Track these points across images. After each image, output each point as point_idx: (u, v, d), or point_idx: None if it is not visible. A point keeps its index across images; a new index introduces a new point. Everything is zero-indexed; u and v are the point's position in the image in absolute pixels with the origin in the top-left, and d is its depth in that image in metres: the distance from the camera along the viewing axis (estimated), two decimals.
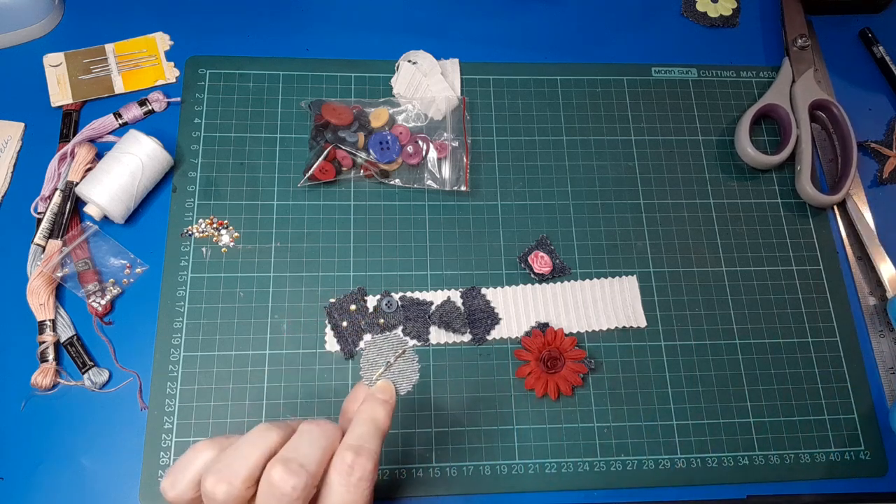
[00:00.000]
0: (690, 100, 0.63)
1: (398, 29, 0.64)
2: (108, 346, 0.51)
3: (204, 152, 0.57)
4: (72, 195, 0.54)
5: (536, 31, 0.65)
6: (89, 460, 0.48)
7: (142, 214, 0.55)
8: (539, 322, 0.54)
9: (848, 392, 0.54)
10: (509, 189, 0.58)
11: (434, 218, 0.57)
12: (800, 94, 0.61)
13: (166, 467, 0.48)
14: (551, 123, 0.61)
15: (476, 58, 0.63)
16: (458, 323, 0.53)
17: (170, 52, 0.61)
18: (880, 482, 0.52)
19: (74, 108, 0.58)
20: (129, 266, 0.53)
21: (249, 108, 0.59)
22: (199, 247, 0.54)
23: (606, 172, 0.60)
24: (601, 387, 0.52)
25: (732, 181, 0.60)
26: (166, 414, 0.49)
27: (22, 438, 0.48)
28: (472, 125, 0.60)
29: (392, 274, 0.55)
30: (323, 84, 0.60)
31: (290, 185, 0.57)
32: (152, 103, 0.58)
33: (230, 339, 0.52)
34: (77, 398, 0.50)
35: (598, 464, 0.50)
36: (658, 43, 0.66)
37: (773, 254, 0.58)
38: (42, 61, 0.59)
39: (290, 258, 0.54)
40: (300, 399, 0.50)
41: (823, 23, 0.68)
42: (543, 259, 0.55)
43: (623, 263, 0.56)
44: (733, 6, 0.68)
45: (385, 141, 0.56)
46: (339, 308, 0.53)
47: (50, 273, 0.51)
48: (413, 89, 0.60)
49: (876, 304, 0.57)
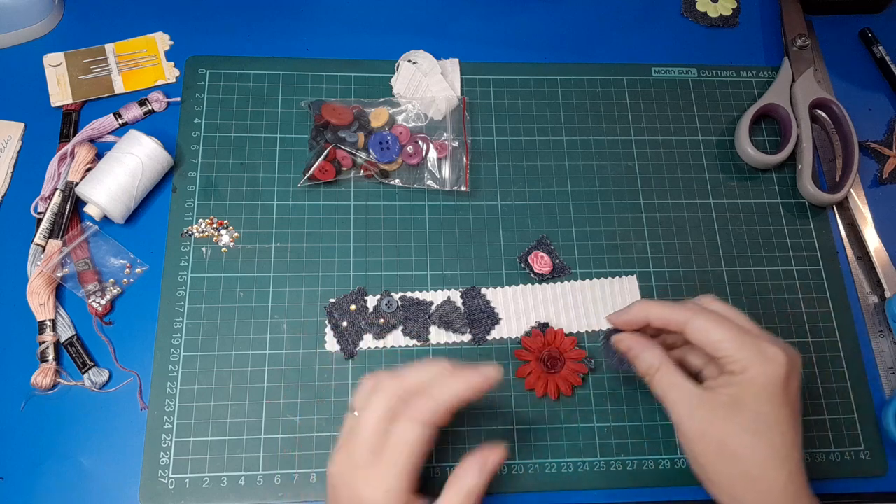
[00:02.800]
0: (690, 100, 0.63)
1: (398, 29, 0.64)
2: (108, 346, 0.51)
3: (204, 152, 0.57)
4: (72, 195, 0.54)
5: (536, 31, 0.65)
6: (89, 460, 0.48)
7: (142, 214, 0.55)
8: (539, 322, 0.54)
9: (848, 392, 0.54)
10: (509, 189, 0.58)
11: (434, 218, 0.57)
12: (800, 93, 0.61)
13: (166, 467, 0.48)
14: (551, 123, 0.61)
15: (476, 58, 0.63)
16: (458, 323, 0.53)
17: (170, 52, 0.61)
18: (880, 482, 0.52)
19: (74, 108, 0.58)
20: (129, 266, 0.53)
21: (249, 108, 0.59)
22: (199, 247, 0.54)
23: (606, 172, 0.60)
24: (601, 387, 0.52)
25: (732, 181, 0.60)
26: (166, 414, 0.49)
27: (22, 438, 0.49)
28: (472, 125, 0.60)
29: (392, 274, 0.55)
30: (323, 84, 0.60)
31: (290, 185, 0.57)
32: (152, 103, 0.58)
33: (230, 339, 0.52)
34: (77, 398, 0.50)
35: (598, 464, 0.50)
36: (658, 43, 0.66)
37: (773, 254, 0.58)
38: (42, 61, 0.59)
39: (290, 258, 0.54)
40: (300, 399, 0.50)
41: (823, 23, 0.68)
42: (543, 259, 0.55)
43: (623, 263, 0.56)
44: (733, 6, 0.68)
45: (385, 141, 0.56)
46: (339, 308, 0.53)
47: (50, 273, 0.51)
48: (413, 89, 0.60)
49: (876, 303, 0.57)
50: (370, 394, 0.41)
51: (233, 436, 0.49)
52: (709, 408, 0.40)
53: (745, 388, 0.40)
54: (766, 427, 0.40)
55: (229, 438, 0.49)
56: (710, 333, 0.41)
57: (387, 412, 0.39)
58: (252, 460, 0.49)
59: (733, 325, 0.41)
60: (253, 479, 0.48)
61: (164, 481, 0.48)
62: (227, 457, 0.49)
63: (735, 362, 0.40)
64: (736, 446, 0.40)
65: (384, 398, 0.40)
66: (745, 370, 0.40)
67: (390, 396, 0.40)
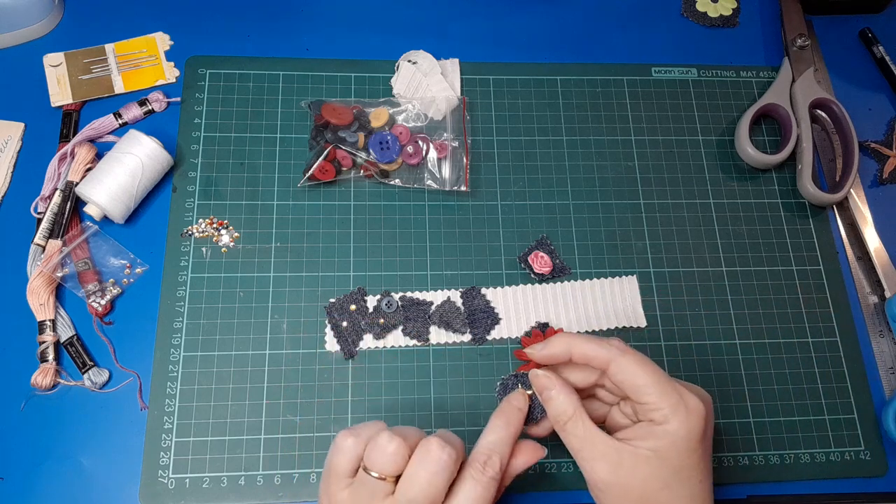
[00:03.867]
0: (690, 100, 0.63)
1: (398, 29, 0.64)
2: (108, 346, 0.51)
3: (204, 152, 0.57)
4: (72, 195, 0.54)
5: (536, 31, 0.65)
6: (89, 460, 0.48)
7: (142, 214, 0.55)
8: (539, 322, 0.54)
9: (848, 392, 0.54)
10: (509, 189, 0.58)
11: (434, 218, 0.57)
12: (800, 93, 0.61)
13: (166, 467, 0.48)
14: (551, 123, 0.61)
15: (476, 58, 0.63)
16: (458, 323, 0.53)
17: (170, 52, 0.61)
18: (880, 482, 0.52)
19: (74, 108, 0.58)
20: (129, 266, 0.53)
21: (249, 108, 0.59)
22: (199, 247, 0.54)
23: (606, 172, 0.60)
24: None
25: (732, 181, 0.60)
26: (166, 414, 0.49)
27: (22, 438, 0.49)
28: (472, 125, 0.60)
29: (392, 274, 0.55)
30: (323, 84, 0.60)
31: (290, 185, 0.57)
32: (152, 103, 0.58)
33: (230, 339, 0.52)
34: (77, 398, 0.50)
35: None
36: (658, 43, 0.66)
37: (773, 254, 0.58)
38: (42, 61, 0.59)
39: (290, 258, 0.54)
40: (300, 399, 0.50)
41: (823, 23, 0.68)
42: (543, 259, 0.55)
43: (623, 263, 0.56)
44: (733, 6, 0.68)
45: (385, 141, 0.56)
46: (339, 308, 0.53)
47: (50, 273, 0.51)
48: (413, 89, 0.60)
49: (876, 303, 0.57)
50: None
51: (233, 436, 0.49)
52: (631, 463, 0.39)
53: (667, 441, 0.39)
54: (687, 478, 0.40)
55: (229, 438, 0.49)
56: (636, 377, 0.40)
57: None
58: (252, 460, 0.49)
59: (656, 370, 0.40)
60: (253, 479, 0.48)
61: (164, 481, 0.48)
62: (227, 457, 0.49)
63: (657, 410, 0.39)
64: (658, 500, 0.39)
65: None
66: (667, 421, 0.39)
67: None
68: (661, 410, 0.39)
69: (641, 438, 0.40)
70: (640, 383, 0.40)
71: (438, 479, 0.37)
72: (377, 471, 0.38)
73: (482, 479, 0.38)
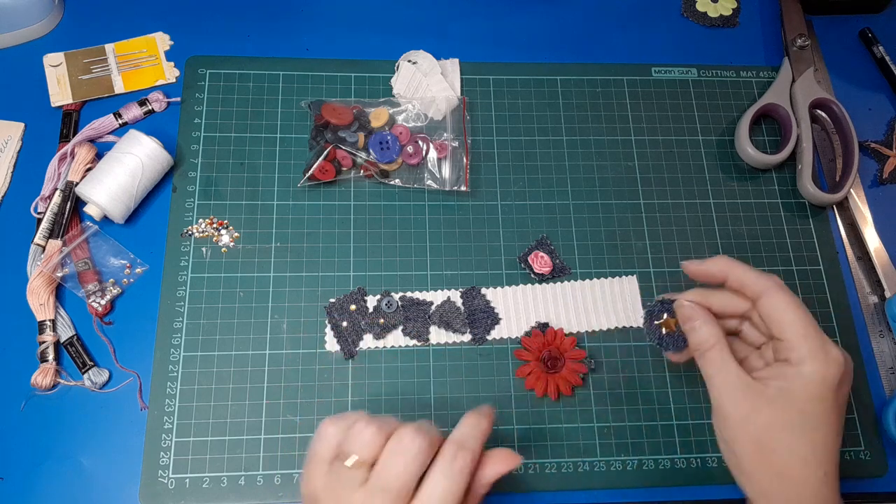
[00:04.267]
0: (690, 100, 0.63)
1: (398, 29, 0.64)
2: (108, 346, 0.51)
3: (204, 152, 0.57)
4: (72, 195, 0.54)
5: (536, 31, 0.65)
6: (89, 460, 0.48)
7: (142, 214, 0.55)
8: (539, 322, 0.54)
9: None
10: (509, 189, 0.58)
11: (434, 218, 0.57)
12: (800, 93, 0.61)
13: (166, 467, 0.48)
14: (551, 123, 0.61)
15: (476, 58, 0.63)
16: (458, 323, 0.53)
17: (170, 52, 0.61)
18: (880, 482, 0.52)
19: (74, 108, 0.58)
20: (129, 266, 0.53)
21: (249, 108, 0.59)
22: (199, 247, 0.54)
23: (606, 172, 0.60)
24: (601, 387, 0.52)
25: (732, 181, 0.60)
26: (166, 414, 0.49)
27: (22, 438, 0.49)
28: (472, 125, 0.60)
29: (392, 274, 0.55)
30: (323, 84, 0.60)
31: (290, 185, 0.57)
32: (152, 103, 0.58)
33: (230, 339, 0.52)
34: (77, 398, 0.50)
35: (598, 464, 0.50)
36: (658, 43, 0.66)
37: (773, 254, 0.58)
38: (42, 61, 0.59)
39: (290, 258, 0.54)
40: (300, 399, 0.51)
41: (823, 23, 0.68)
42: (543, 259, 0.55)
43: (623, 263, 0.56)
44: (733, 6, 0.68)
45: (385, 141, 0.56)
46: (339, 308, 0.53)
47: (50, 273, 0.51)
48: (413, 89, 0.60)
49: (876, 303, 0.57)
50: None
51: (233, 436, 0.49)
52: (755, 398, 0.39)
53: (799, 383, 0.39)
54: (810, 427, 0.39)
55: (229, 438, 0.49)
56: (785, 312, 0.40)
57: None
58: (252, 460, 0.49)
59: (807, 314, 0.40)
60: (253, 479, 0.48)
61: (164, 481, 0.48)
62: (227, 457, 0.49)
63: (794, 350, 0.39)
64: (776, 442, 0.39)
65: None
66: (802, 363, 0.39)
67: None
68: (799, 350, 0.39)
69: (773, 378, 0.40)
70: (786, 319, 0.40)
71: (410, 467, 0.37)
72: (353, 455, 0.38)
73: (451, 471, 0.38)
